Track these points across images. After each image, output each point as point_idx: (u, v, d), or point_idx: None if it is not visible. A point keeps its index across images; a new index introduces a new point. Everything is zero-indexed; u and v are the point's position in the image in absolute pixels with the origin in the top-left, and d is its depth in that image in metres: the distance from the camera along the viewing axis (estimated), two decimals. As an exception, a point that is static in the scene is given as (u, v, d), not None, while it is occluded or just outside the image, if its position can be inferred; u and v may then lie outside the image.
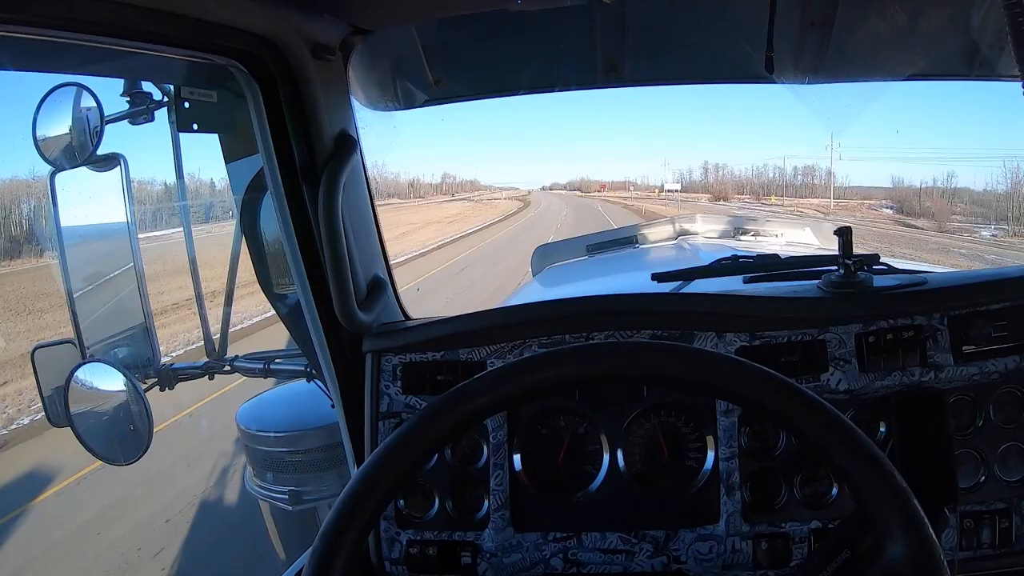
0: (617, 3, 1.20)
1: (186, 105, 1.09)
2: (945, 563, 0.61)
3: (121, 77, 1.22)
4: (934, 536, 0.62)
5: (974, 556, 1.01)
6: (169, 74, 1.12)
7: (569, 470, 1.08)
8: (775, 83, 1.34)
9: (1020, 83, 0.86)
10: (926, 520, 0.63)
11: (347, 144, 1.09)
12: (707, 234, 2.56)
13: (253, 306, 7.58)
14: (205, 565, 3.76)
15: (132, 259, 1.41)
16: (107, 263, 1.48)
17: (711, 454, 1.05)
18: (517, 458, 1.08)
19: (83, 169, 1.39)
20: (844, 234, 1.08)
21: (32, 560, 4.04)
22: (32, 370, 1.49)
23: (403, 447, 0.71)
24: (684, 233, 2.56)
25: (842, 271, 1.09)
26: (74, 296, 1.47)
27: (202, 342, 1.47)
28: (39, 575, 3.95)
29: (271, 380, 1.54)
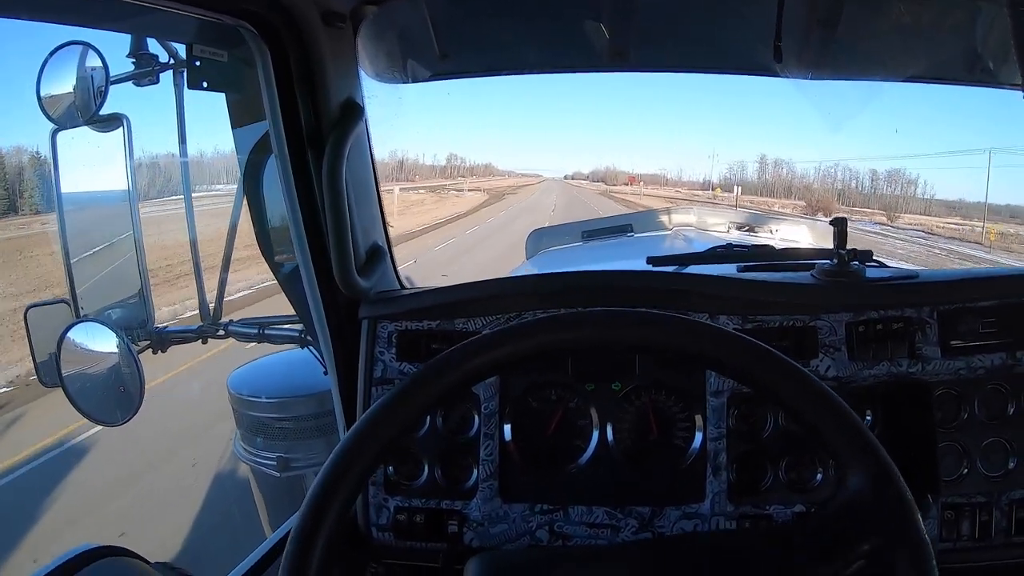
0: None
1: (197, 63, 1.09)
2: (906, 487, 0.61)
3: (133, 33, 1.22)
4: (891, 461, 0.62)
5: (954, 548, 1.03)
6: (181, 32, 1.12)
7: (558, 443, 1.10)
8: (779, 76, 1.35)
9: (1021, 92, 0.87)
10: (881, 447, 0.63)
11: (353, 112, 1.09)
12: (702, 226, 2.59)
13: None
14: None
15: (130, 220, 1.41)
16: (106, 222, 1.48)
17: (699, 434, 1.07)
18: (508, 429, 1.10)
19: (85, 129, 1.38)
20: (839, 224, 1.10)
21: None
22: (25, 330, 1.48)
23: (395, 409, 0.70)
24: (681, 224, 2.59)
25: (835, 260, 1.10)
26: (70, 254, 1.47)
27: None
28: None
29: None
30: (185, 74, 1.15)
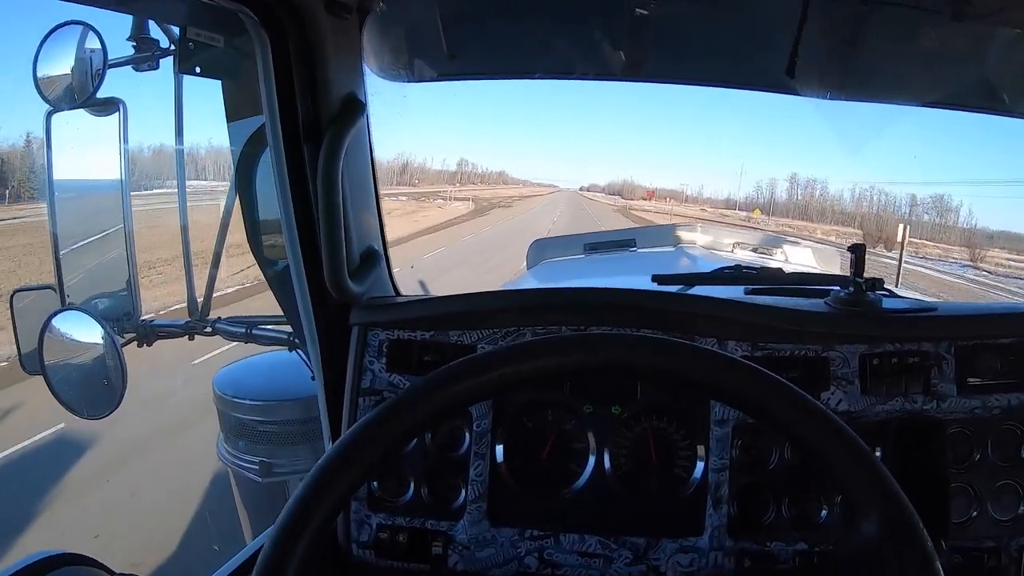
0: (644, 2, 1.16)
1: (191, 46, 1.05)
2: (926, 532, 0.58)
3: (129, 12, 1.19)
4: (911, 506, 0.59)
5: None
6: (179, 14, 1.08)
7: (552, 467, 1.05)
8: (797, 94, 1.32)
9: None
10: (900, 491, 0.59)
11: (354, 107, 1.05)
12: (706, 244, 2.56)
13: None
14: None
15: (121, 206, 1.38)
16: (96, 210, 1.45)
17: (701, 464, 1.02)
18: (500, 449, 1.05)
19: (81, 112, 1.35)
20: (858, 251, 1.06)
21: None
22: (10, 314, 1.45)
23: (386, 424, 0.65)
24: (684, 242, 2.56)
25: (852, 289, 1.06)
26: (59, 240, 1.43)
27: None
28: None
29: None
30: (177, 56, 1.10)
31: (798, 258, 2.47)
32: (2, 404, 5.25)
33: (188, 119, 1.46)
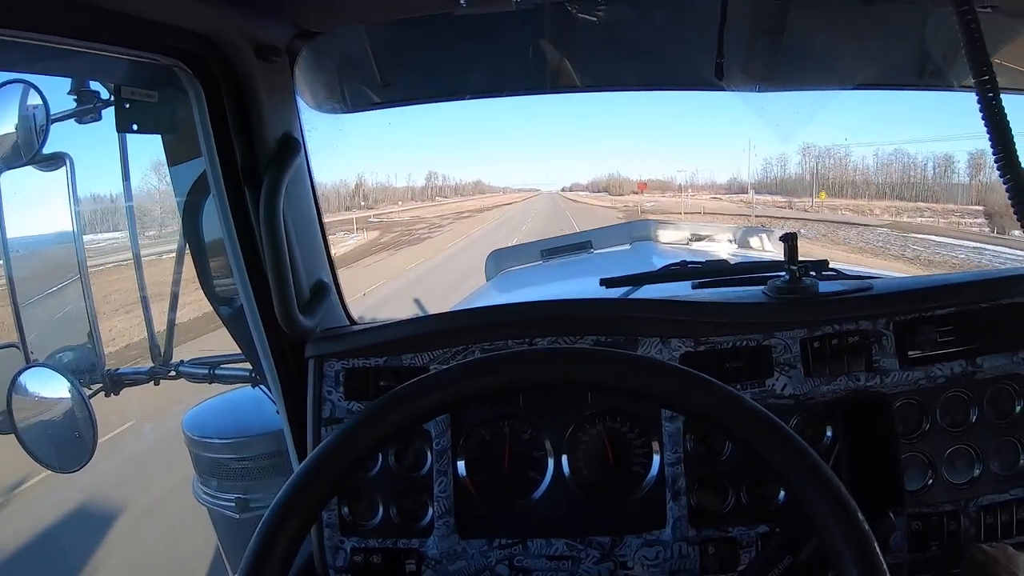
0: (567, 9, 1.19)
1: (126, 105, 1.06)
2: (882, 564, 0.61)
3: (64, 76, 1.20)
4: (883, 563, 0.61)
5: (924, 558, 1.01)
6: (112, 73, 1.10)
7: (514, 476, 1.08)
8: (726, 91, 1.35)
9: (973, 92, 0.87)
10: (875, 544, 0.62)
11: (290, 146, 1.07)
12: (661, 240, 2.58)
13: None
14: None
15: (76, 261, 1.38)
16: (51, 264, 1.45)
17: (657, 459, 1.05)
18: (461, 464, 1.07)
19: (29, 169, 1.36)
20: (789, 240, 1.09)
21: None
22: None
23: (335, 453, 0.69)
24: (639, 239, 2.58)
25: (787, 276, 1.09)
26: (18, 297, 1.44)
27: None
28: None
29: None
30: (114, 118, 1.12)
31: (754, 244, 2.50)
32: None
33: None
